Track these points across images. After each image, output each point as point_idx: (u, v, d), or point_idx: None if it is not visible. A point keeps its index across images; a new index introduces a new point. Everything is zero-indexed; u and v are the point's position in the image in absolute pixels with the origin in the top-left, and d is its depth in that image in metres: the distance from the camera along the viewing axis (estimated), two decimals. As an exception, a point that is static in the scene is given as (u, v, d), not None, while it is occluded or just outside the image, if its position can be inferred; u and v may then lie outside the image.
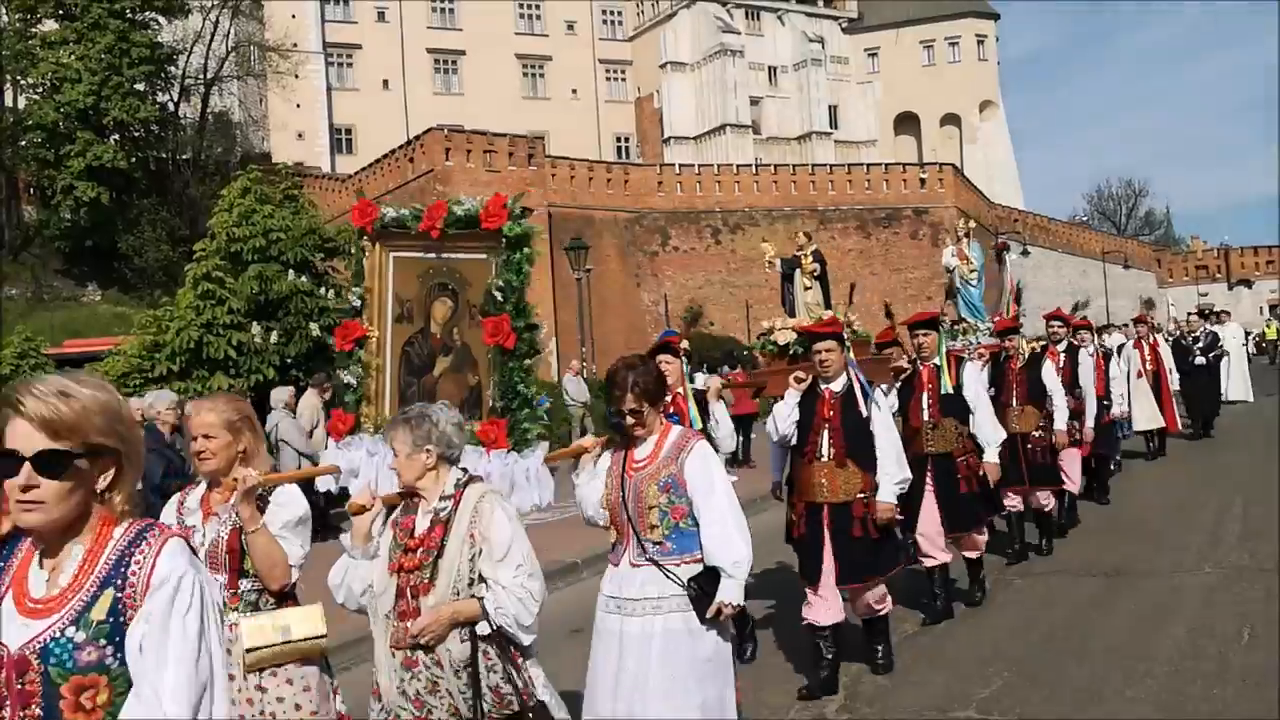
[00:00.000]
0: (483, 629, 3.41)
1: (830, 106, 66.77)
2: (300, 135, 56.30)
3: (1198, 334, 17.69)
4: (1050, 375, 9.13)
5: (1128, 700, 5.37)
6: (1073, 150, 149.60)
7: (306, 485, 5.48)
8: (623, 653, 3.95)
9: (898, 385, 7.42)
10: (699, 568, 3.92)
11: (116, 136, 38.45)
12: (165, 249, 36.94)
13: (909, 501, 6.91)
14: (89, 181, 36.26)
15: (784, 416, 5.99)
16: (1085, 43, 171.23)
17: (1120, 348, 14.99)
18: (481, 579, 3.45)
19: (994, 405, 8.58)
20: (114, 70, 36.88)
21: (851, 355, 6.00)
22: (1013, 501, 8.78)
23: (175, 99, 43.16)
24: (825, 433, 5.83)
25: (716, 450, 6.04)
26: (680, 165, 52.37)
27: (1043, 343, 11.08)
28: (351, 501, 3.65)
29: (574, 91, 65.85)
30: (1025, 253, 57.99)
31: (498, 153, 43.12)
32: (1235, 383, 20.95)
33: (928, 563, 7.21)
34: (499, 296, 4.59)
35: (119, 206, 37.71)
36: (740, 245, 48.89)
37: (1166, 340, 17.45)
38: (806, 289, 8.18)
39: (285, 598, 3.69)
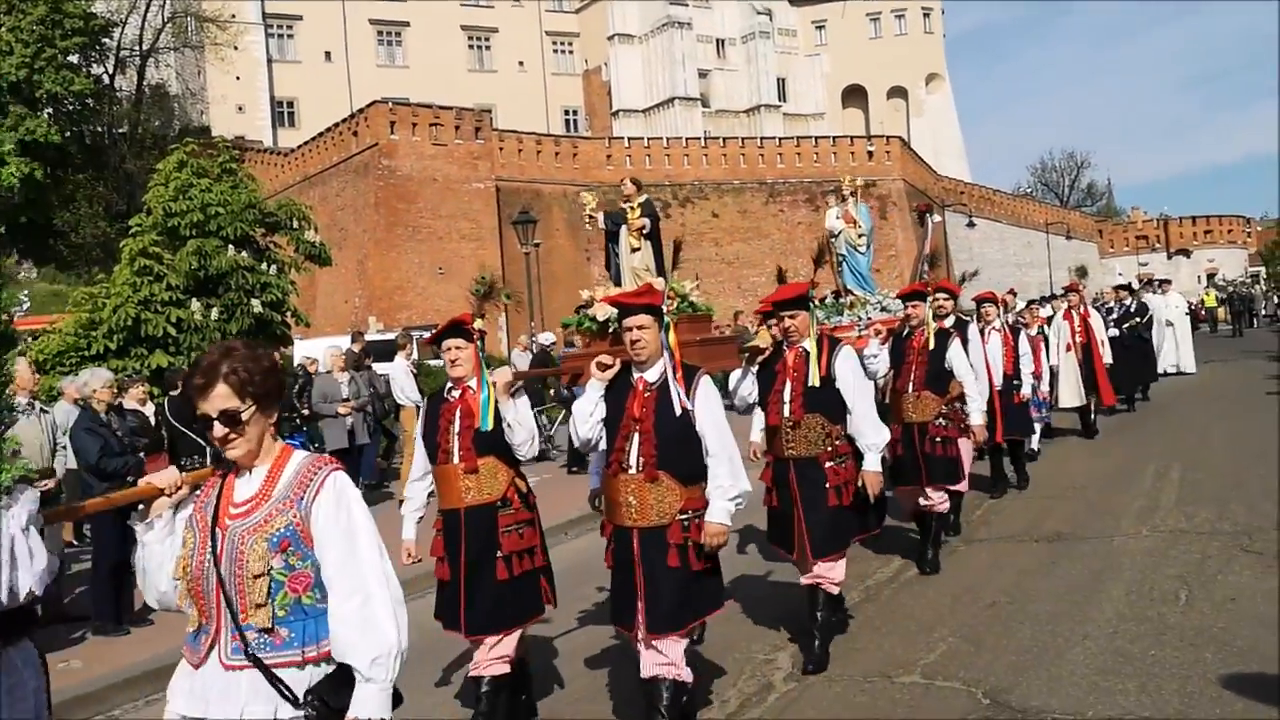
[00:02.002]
0: None
1: (779, 79, 66.87)
2: (240, 108, 55.33)
3: (1110, 305, 16.75)
4: (958, 356, 7.71)
5: (1068, 662, 5.45)
6: (1018, 123, 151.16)
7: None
8: None
9: (754, 370, 5.96)
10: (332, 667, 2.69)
11: (50, 110, 37.51)
12: (103, 225, 36.18)
13: (779, 516, 5.96)
14: (21, 157, 35.25)
15: (584, 415, 4.74)
16: (1030, 16, 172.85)
17: (1050, 319, 14.37)
18: None
19: (890, 390, 7.92)
20: (46, 42, 35.90)
21: (670, 336, 4.71)
22: (908, 503, 7.90)
23: (110, 71, 42.12)
24: (635, 437, 4.56)
25: (520, 461, 5.04)
26: (629, 138, 52.19)
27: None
28: None
29: (521, 64, 65.30)
30: (971, 224, 58.64)
31: (444, 126, 42.66)
32: (1174, 353, 20.58)
33: (807, 580, 5.93)
34: None
35: (54, 182, 36.81)
36: (690, 219, 48.89)
37: (1101, 310, 16.48)
38: (634, 250, 6.66)
39: None
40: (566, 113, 66.81)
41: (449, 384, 5.16)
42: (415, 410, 13.39)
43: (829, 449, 5.75)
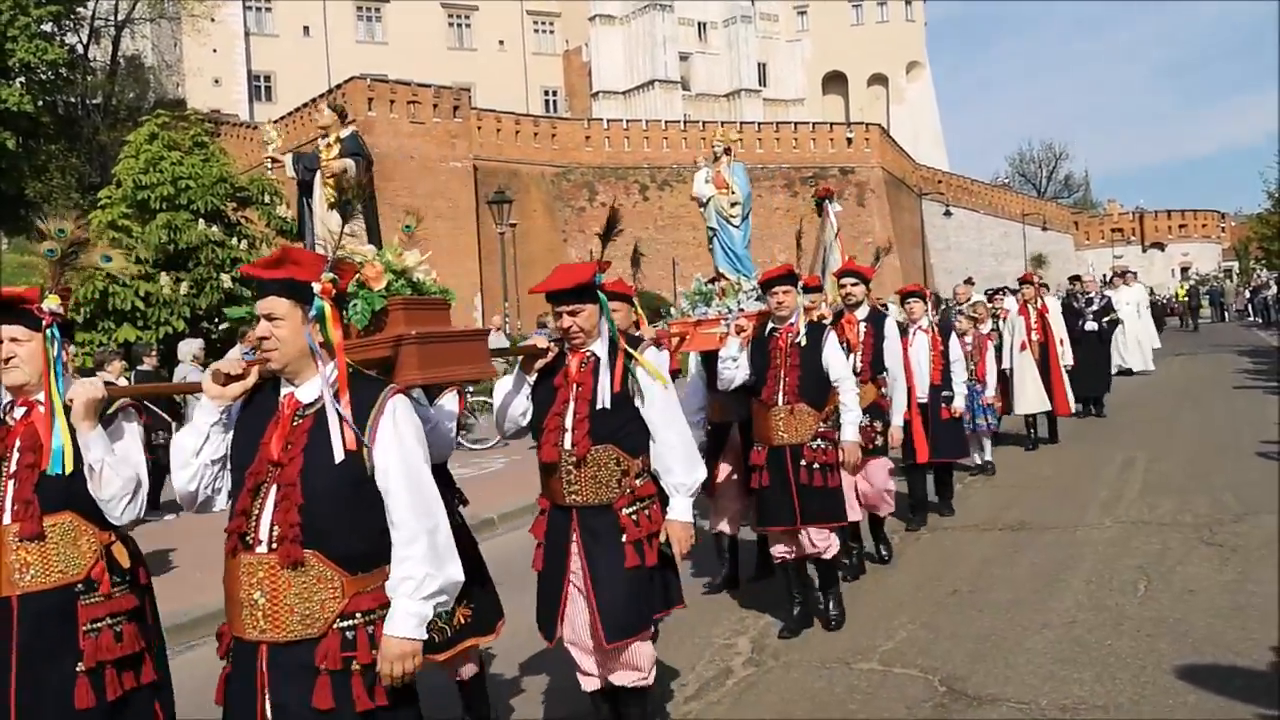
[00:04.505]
0: None
1: (759, 64, 66.80)
2: (217, 81, 54.79)
3: (1091, 295, 15.02)
4: (835, 356, 5.93)
5: (1026, 650, 5.48)
6: (997, 113, 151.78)
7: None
8: None
9: (531, 379, 4.28)
10: None
11: (22, 80, 37.03)
12: (75, 197, 35.85)
13: (546, 584, 4.22)
14: (-7, 125, 34.94)
15: (183, 455, 2.96)
16: (1011, 6, 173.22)
17: (1006, 314, 12.81)
18: None
19: (754, 404, 6.05)
20: (20, 10, 35.44)
21: (330, 330, 2.82)
22: (783, 549, 6.06)
23: (85, 41, 41.62)
24: (270, 494, 2.74)
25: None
26: (608, 120, 52.08)
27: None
28: None
29: (501, 43, 64.93)
30: (948, 213, 58.87)
31: (422, 104, 42.45)
32: (1134, 351, 19.76)
33: (586, 685, 4.31)
34: None
35: (26, 152, 36.42)
36: (668, 202, 48.85)
37: (1072, 303, 14.77)
38: (330, 206, 4.51)
39: None
40: (546, 93, 66.51)
41: (7, 399, 3.29)
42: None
43: (627, 492, 4.08)
